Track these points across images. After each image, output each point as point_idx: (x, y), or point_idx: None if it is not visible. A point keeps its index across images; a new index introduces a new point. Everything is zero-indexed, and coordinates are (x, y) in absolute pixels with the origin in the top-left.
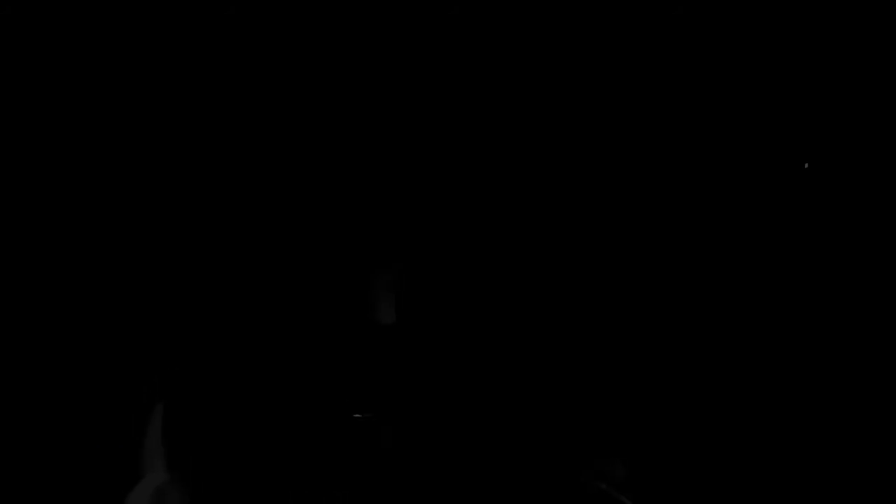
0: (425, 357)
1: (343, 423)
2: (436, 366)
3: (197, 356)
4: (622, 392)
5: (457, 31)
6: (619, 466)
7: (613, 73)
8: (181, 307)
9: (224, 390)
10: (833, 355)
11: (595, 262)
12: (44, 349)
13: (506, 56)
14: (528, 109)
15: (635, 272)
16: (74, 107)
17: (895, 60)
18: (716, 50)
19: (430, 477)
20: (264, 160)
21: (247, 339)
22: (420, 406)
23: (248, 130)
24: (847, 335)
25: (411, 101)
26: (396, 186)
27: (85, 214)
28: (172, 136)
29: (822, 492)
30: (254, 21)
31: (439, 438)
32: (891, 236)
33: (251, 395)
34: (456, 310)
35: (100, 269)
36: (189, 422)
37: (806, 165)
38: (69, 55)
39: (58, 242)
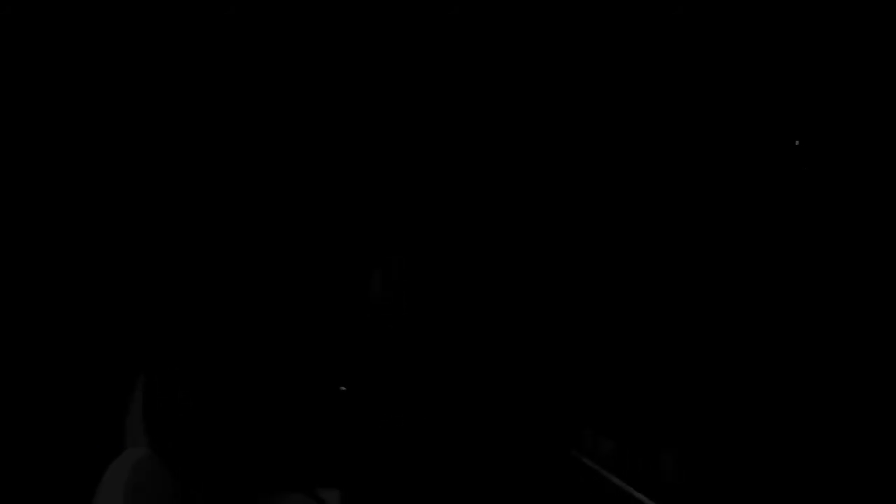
0: (413, 334)
1: (327, 396)
2: (424, 345)
3: (177, 329)
4: (611, 370)
5: (457, 32)
6: (607, 442)
7: (614, 72)
8: (163, 283)
9: (204, 363)
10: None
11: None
12: (26, 325)
13: (507, 56)
14: (530, 109)
15: (635, 262)
16: (81, 106)
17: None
18: (715, 50)
19: (421, 448)
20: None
21: (228, 313)
22: (409, 383)
23: (243, 131)
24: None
25: (411, 102)
26: (397, 176)
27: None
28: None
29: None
30: (256, 21)
31: (431, 416)
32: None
33: (231, 368)
34: (448, 293)
35: (81, 249)
36: (169, 395)
37: (797, 143)
38: (69, 56)
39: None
